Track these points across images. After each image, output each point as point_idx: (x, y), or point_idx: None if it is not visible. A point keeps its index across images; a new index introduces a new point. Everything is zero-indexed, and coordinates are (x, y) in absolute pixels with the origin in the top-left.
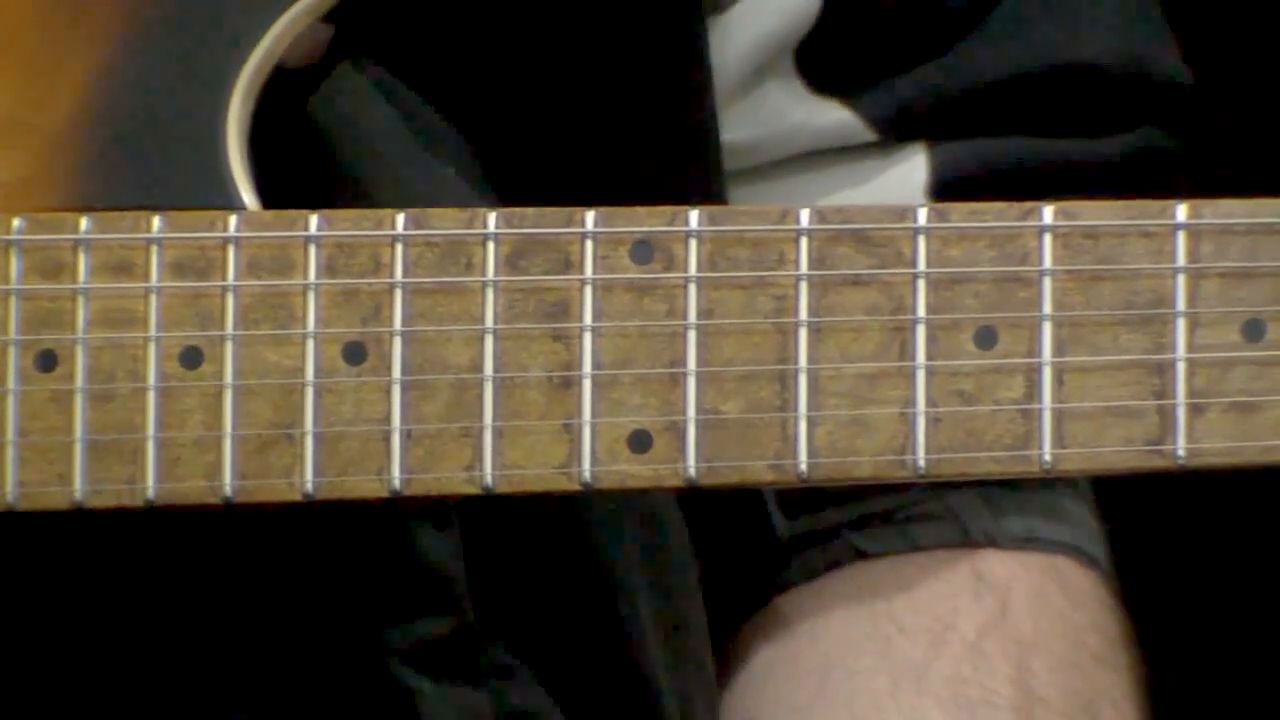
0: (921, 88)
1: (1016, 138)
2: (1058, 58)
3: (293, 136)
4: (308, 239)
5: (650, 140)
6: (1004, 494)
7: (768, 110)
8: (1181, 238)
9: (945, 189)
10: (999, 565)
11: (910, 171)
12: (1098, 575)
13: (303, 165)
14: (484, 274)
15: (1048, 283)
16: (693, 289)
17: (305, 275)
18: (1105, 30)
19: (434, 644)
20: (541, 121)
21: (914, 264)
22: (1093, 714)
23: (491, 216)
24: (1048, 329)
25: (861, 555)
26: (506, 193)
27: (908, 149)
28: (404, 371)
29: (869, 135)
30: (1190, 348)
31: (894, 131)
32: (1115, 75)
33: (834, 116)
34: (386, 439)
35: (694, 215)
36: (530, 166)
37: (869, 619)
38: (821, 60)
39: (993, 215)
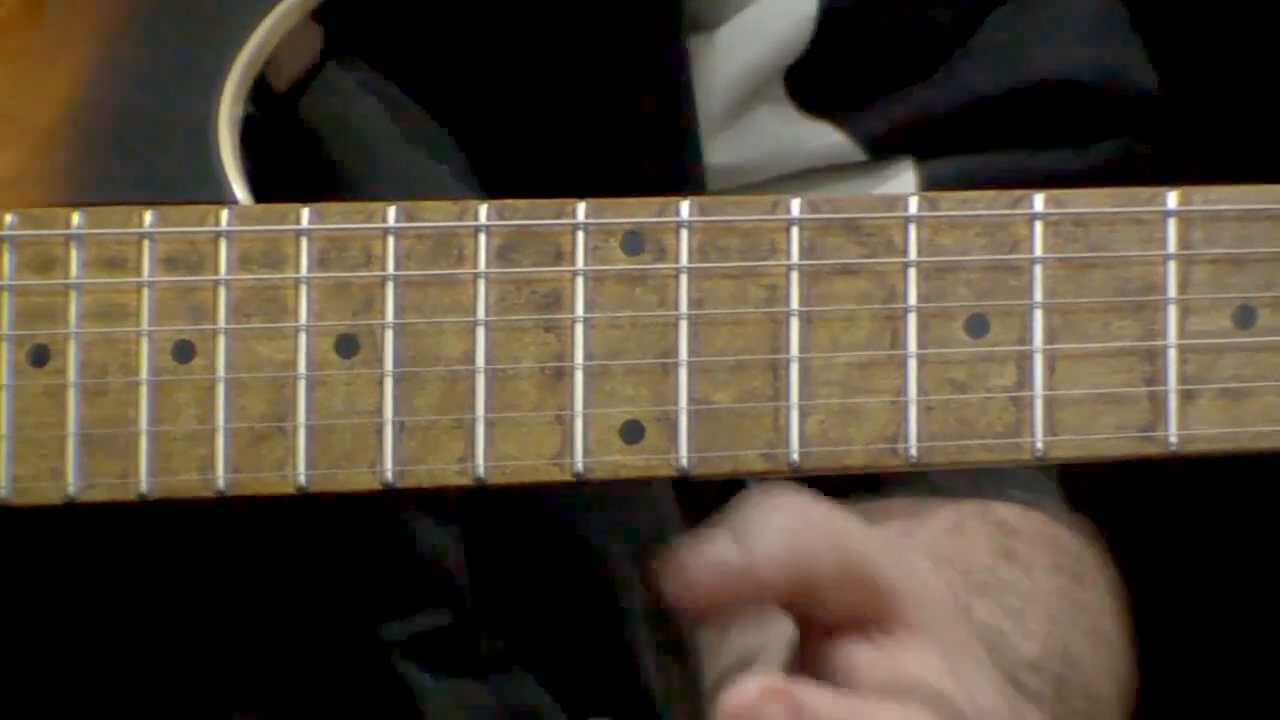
0: (911, 107)
1: (1000, 153)
2: (1041, 73)
3: (284, 133)
4: (299, 232)
5: (634, 139)
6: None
7: (758, 134)
8: (1172, 224)
9: None
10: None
11: (898, 188)
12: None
13: (294, 161)
14: (475, 266)
15: (1039, 270)
16: (684, 279)
17: (297, 269)
18: (1079, 43)
19: (434, 636)
20: (527, 121)
21: (905, 253)
22: (1076, 574)
23: (483, 208)
24: (1039, 317)
25: None
26: (495, 190)
27: (895, 165)
28: (396, 364)
29: (859, 155)
30: (1181, 334)
31: (882, 150)
32: (1091, 87)
33: (825, 138)
34: (379, 431)
35: (684, 205)
36: (517, 165)
37: None
38: (812, 82)
39: (983, 204)
